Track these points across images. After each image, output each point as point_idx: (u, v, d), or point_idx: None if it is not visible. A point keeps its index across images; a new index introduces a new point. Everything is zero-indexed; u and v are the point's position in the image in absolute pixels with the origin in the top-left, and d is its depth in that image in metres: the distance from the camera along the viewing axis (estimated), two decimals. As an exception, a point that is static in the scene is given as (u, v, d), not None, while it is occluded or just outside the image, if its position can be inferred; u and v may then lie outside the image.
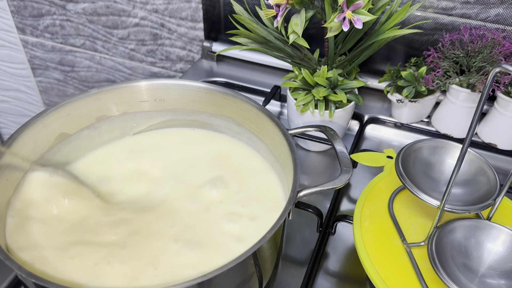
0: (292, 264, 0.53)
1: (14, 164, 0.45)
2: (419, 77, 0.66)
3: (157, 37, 0.97)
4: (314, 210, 0.54)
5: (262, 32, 0.61)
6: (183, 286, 0.33)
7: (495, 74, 0.34)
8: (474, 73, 0.63)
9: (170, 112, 0.56)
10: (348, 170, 0.44)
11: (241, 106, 0.52)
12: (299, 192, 0.41)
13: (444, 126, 0.70)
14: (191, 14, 0.90)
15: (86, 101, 0.51)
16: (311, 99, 0.62)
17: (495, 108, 0.66)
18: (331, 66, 0.63)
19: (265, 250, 0.39)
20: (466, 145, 0.38)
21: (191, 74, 0.87)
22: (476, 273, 0.42)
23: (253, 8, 0.77)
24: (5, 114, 1.37)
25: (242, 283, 0.39)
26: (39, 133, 0.48)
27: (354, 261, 0.54)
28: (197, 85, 0.53)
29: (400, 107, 0.71)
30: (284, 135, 0.46)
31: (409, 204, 0.51)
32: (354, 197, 0.62)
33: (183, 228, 0.45)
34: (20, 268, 0.35)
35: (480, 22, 0.68)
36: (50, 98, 1.25)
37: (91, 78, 1.14)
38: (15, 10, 1.08)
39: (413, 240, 0.47)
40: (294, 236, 0.57)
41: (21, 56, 1.17)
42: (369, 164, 0.57)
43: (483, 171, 0.49)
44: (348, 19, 0.52)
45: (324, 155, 0.70)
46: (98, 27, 1.02)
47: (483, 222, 0.45)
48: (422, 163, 0.51)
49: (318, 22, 0.70)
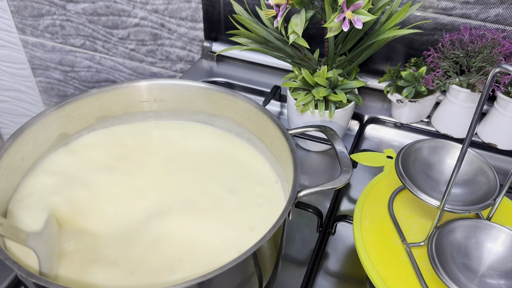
0: (292, 264, 0.53)
1: (14, 164, 0.45)
2: (419, 77, 0.66)
3: (157, 37, 0.97)
4: (314, 210, 0.54)
5: (262, 32, 0.61)
6: (183, 286, 0.33)
7: (495, 74, 0.34)
8: (474, 73, 0.63)
9: (170, 112, 0.55)
10: (348, 170, 0.44)
11: (241, 106, 0.52)
12: (299, 192, 0.41)
13: (444, 126, 0.70)
14: (191, 14, 0.90)
15: (86, 101, 0.51)
16: (311, 99, 0.63)
17: (495, 108, 0.66)
18: (331, 66, 0.63)
19: (265, 250, 0.39)
20: (466, 145, 0.38)
21: (191, 74, 0.87)
22: (476, 273, 0.42)
23: (253, 8, 0.77)
24: (5, 114, 1.37)
25: (242, 283, 0.39)
26: (39, 133, 0.48)
27: (354, 261, 0.54)
28: (197, 85, 0.53)
29: (400, 107, 0.71)
30: (284, 135, 0.46)
31: (409, 204, 0.51)
32: (354, 197, 0.62)
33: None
34: (20, 268, 0.35)
35: (480, 22, 0.68)
36: (50, 98, 1.25)
37: (91, 78, 1.14)
38: (15, 10, 1.08)
39: (413, 240, 0.47)
40: (294, 236, 0.57)
41: (21, 56, 1.18)
42: (369, 164, 0.57)
43: (483, 171, 0.49)
44: (348, 19, 0.52)
45: (324, 155, 0.70)
46: (98, 27, 1.02)
47: (483, 222, 0.45)
48: (422, 163, 0.51)
49: (318, 22, 0.70)
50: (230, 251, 0.42)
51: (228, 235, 0.44)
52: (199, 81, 0.54)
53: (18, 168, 0.46)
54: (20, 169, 0.47)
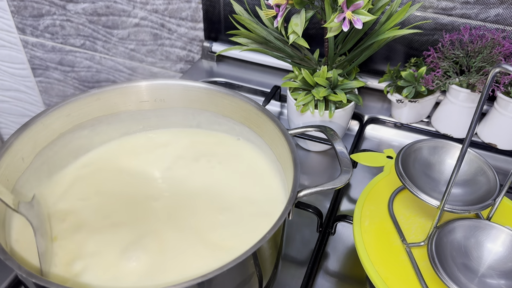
0: (292, 264, 0.53)
1: (14, 164, 0.45)
2: (419, 77, 0.66)
3: (157, 37, 0.97)
4: (314, 210, 0.54)
5: (262, 32, 0.61)
6: (183, 286, 0.33)
7: (495, 74, 0.34)
8: (474, 73, 0.63)
9: (170, 112, 0.55)
10: (348, 170, 0.44)
11: (241, 106, 0.52)
12: (299, 192, 0.41)
13: (444, 126, 0.70)
14: (191, 14, 0.90)
15: (86, 101, 0.51)
16: (311, 99, 0.63)
17: (495, 108, 0.66)
18: (331, 66, 0.63)
19: (265, 250, 0.39)
20: (466, 145, 0.38)
21: (191, 74, 0.87)
22: (476, 273, 0.42)
23: (253, 8, 0.77)
24: (5, 114, 1.37)
25: (242, 283, 0.39)
26: (39, 133, 0.48)
27: (354, 261, 0.54)
28: (197, 85, 0.53)
29: (400, 107, 0.71)
30: (284, 135, 0.46)
31: (409, 204, 0.51)
32: (354, 197, 0.62)
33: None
34: (20, 268, 0.35)
35: (480, 22, 0.68)
36: (50, 98, 1.25)
37: (91, 78, 1.14)
38: (15, 10, 1.08)
39: (413, 240, 0.47)
40: (294, 236, 0.57)
41: (21, 56, 1.18)
42: (369, 164, 0.57)
43: (483, 171, 0.49)
44: (348, 19, 0.52)
45: (324, 155, 0.70)
46: (98, 27, 1.02)
47: (483, 222, 0.45)
48: (422, 163, 0.51)
49: (318, 22, 0.70)
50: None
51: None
52: (199, 81, 0.54)
53: (18, 168, 0.46)
54: (20, 169, 0.47)
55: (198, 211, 0.47)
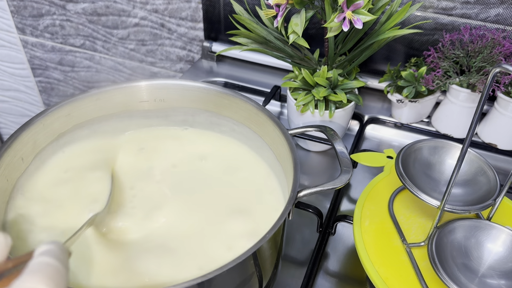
0: (292, 264, 0.53)
1: (14, 164, 0.45)
2: (419, 77, 0.66)
3: (157, 37, 0.97)
4: (314, 210, 0.54)
5: (262, 32, 0.61)
6: (183, 286, 0.33)
7: (495, 74, 0.34)
8: (474, 73, 0.63)
9: (170, 112, 0.55)
10: (348, 170, 0.44)
11: (241, 106, 0.52)
12: (299, 192, 0.41)
13: (444, 126, 0.70)
14: (191, 14, 0.90)
15: (86, 101, 0.51)
16: (311, 99, 0.62)
17: (495, 108, 0.66)
18: (331, 66, 0.63)
19: (265, 250, 0.39)
20: (466, 145, 0.38)
21: (191, 74, 0.87)
22: (476, 273, 0.42)
23: (253, 8, 0.77)
24: (5, 114, 1.37)
25: (242, 283, 0.39)
26: (39, 133, 0.48)
27: (354, 261, 0.54)
28: (197, 85, 0.53)
29: (400, 107, 0.71)
30: (284, 135, 0.46)
31: (409, 204, 0.51)
32: (354, 197, 0.62)
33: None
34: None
35: (480, 22, 0.68)
36: (50, 98, 1.25)
37: (91, 78, 1.14)
38: (15, 10, 1.08)
39: (413, 240, 0.47)
40: (294, 236, 0.57)
41: (21, 56, 1.17)
42: (369, 164, 0.57)
43: (483, 171, 0.49)
44: (348, 19, 0.52)
45: (324, 155, 0.70)
46: (98, 27, 1.02)
47: (483, 222, 0.45)
48: (422, 163, 0.51)
49: (318, 22, 0.70)
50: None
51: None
52: (199, 81, 0.54)
53: (18, 168, 0.46)
54: (20, 169, 0.47)
55: (198, 211, 0.47)
